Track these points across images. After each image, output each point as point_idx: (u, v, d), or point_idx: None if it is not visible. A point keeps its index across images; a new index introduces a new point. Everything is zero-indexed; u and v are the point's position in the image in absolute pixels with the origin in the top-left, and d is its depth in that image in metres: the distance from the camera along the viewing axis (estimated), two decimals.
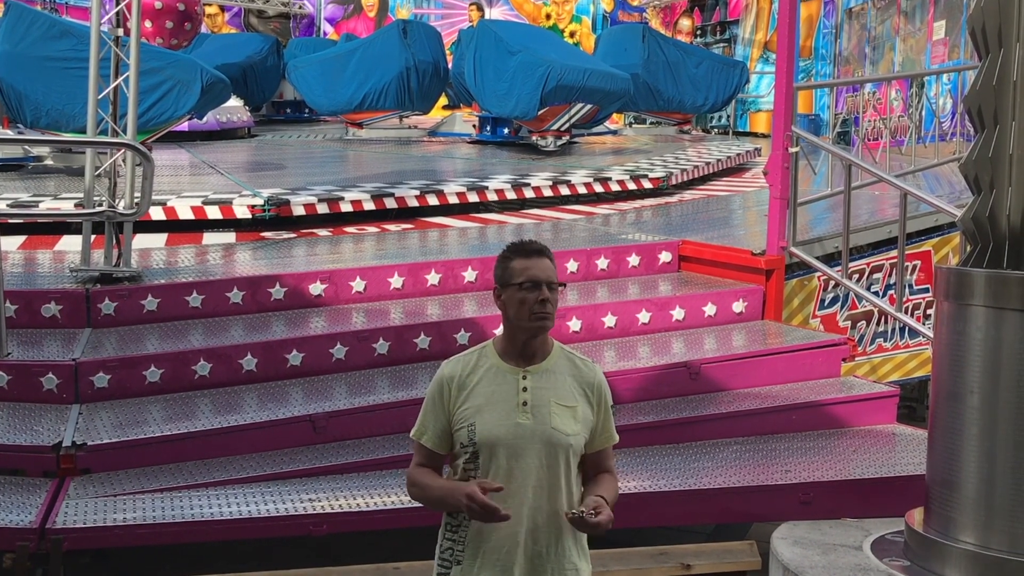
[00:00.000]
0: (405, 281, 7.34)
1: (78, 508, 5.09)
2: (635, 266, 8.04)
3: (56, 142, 10.63)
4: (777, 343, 7.14)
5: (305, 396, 6.19)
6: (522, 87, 13.33)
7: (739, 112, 21.47)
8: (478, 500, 2.98)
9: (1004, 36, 4.07)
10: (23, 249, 8.26)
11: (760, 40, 22.54)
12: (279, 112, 19.62)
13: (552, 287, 3.16)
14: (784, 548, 4.38)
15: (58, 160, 11.56)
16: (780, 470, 5.85)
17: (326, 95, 15.87)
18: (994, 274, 4.04)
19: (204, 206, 9.14)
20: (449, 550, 3.18)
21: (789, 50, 7.93)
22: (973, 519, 4.02)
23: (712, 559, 5.42)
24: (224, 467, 5.65)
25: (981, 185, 4.16)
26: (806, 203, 8.40)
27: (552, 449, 3.14)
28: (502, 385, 3.16)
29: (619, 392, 6.18)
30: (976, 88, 4.16)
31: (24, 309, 6.52)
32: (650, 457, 5.98)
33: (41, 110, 10.07)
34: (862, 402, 6.68)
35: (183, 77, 10.39)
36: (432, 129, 17.59)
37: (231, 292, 6.91)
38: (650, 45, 16.54)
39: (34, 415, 5.80)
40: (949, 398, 4.12)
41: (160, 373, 6.14)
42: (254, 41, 18.76)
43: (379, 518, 5.21)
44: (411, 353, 6.64)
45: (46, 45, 10.10)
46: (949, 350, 4.14)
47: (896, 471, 5.83)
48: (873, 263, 8.38)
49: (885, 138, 11.04)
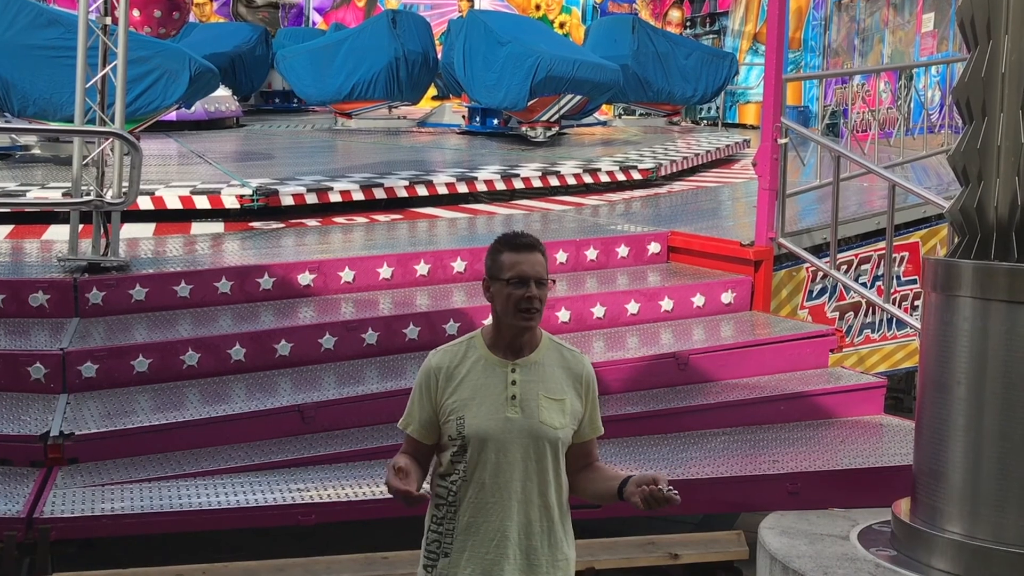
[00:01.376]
0: (394, 271, 7.33)
1: (65, 498, 5.09)
2: (624, 257, 8.04)
3: (44, 131, 10.57)
4: (765, 334, 7.16)
5: (294, 386, 6.19)
6: (511, 78, 13.30)
7: (728, 103, 21.45)
8: (391, 483, 2.98)
9: (993, 28, 4.09)
10: (10, 238, 8.22)
11: (749, 32, 22.53)
12: (268, 102, 19.53)
13: (541, 284, 3.13)
14: (772, 538, 4.40)
15: (45, 149, 11.49)
16: (768, 460, 5.87)
17: (315, 85, 15.81)
18: (982, 265, 4.06)
19: (192, 196, 9.11)
20: (436, 542, 3.17)
21: (778, 42, 7.95)
22: (959, 509, 4.05)
23: (700, 549, 5.44)
24: (212, 457, 5.64)
25: (969, 176, 4.18)
26: (795, 194, 8.42)
27: (540, 443, 3.13)
28: (491, 378, 3.15)
29: (607, 382, 6.19)
30: (965, 80, 4.17)
31: (11, 299, 6.50)
32: (638, 447, 6.00)
33: (28, 99, 10.01)
34: (849, 393, 6.70)
35: (171, 66, 10.33)
36: (421, 119, 17.54)
37: (219, 282, 6.90)
38: (640, 36, 16.51)
39: (21, 405, 5.79)
40: (936, 388, 4.15)
41: (148, 363, 6.12)
42: (242, 30, 18.65)
43: (368, 508, 5.21)
44: (400, 343, 6.64)
45: (33, 34, 10.04)
46: (936, 341, 4.16)
47: (883, 461, 5.86)
48: (861, 254, 8.40)
49: (874, 130, 11.05)
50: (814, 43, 20.81)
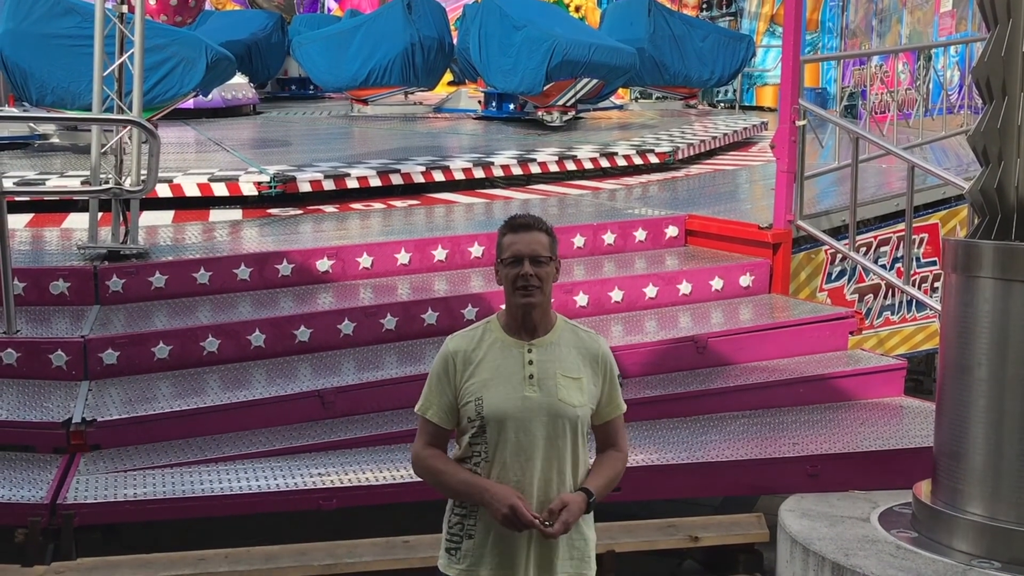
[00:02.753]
0: (412, 257, 7.34)
1: (88, 484, 5.13)
2: (642, 241, 8.03)
3: (62, 119, 10.61)
4: (784, 317, 7.14)
5: (313, 372, 6.21)
6: (527, 62, 13.27)
7: (745, 86, 21.34)
8: (521, 516, 3.02)
9: (1013, 7, 4.06)
10: (30, 227, 8.27)
11: (767, 13, 22.41)
12: (284, 89, 19.56)
13: (537, 261, 3.14)
14: (792, 520, 4.40)
15: (64, 138, 11.55)
16: (788, 443, 5.86)
17: (331, 72, 15.81)
18: (1002, 246, 4.04)
19: (210, 183, 9.14)
20: (459, 524, 3.19)
21: (796, 23, 7.90)
22: (980, 490, 4.04)
23: (720, 531, 5.44)
24: (233, 442, 5.67)
25: (989, 157, 4.15)
26: (813, 176, 8.38)
27: (559, 421, 3.15)
28: (508, 359, 3.17)
29: (626, 366, 6.19)
30: (984, 60, 4.15)
31: (32, 287, 6.54)
32: (658, 431, 6.00)
33: (46, 88, 10.05)
34: (869, 375, 6.68)
35: (188, 54, 10.35)
36: (437, 105, 17.53)
37: (238, 268, 6.93)
38: (656, 19, 16.43)
39: (44, 392, 5.82)
40: (957, 370, 4.13)
41: (169, 349, 6.15)
42: (258, 18, 18.67)
43: (388, 492, 5.23)
44: (418, 328, 6.66)
45: (51, 23, 10.07)
46: (957, 322, 4.14)
47: (903, 443, 5.84)
48: (880, 236, 8.37)
49: (892, 111, 10.97)
50: (831, 24, 20.69)
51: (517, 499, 3.05)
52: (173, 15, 17.51)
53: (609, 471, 3.26)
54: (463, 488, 3.14)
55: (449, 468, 3.19)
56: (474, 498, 3.11)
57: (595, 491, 3.16)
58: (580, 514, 3.12)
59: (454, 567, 3.19)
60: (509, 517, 3.03)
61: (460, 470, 3.17)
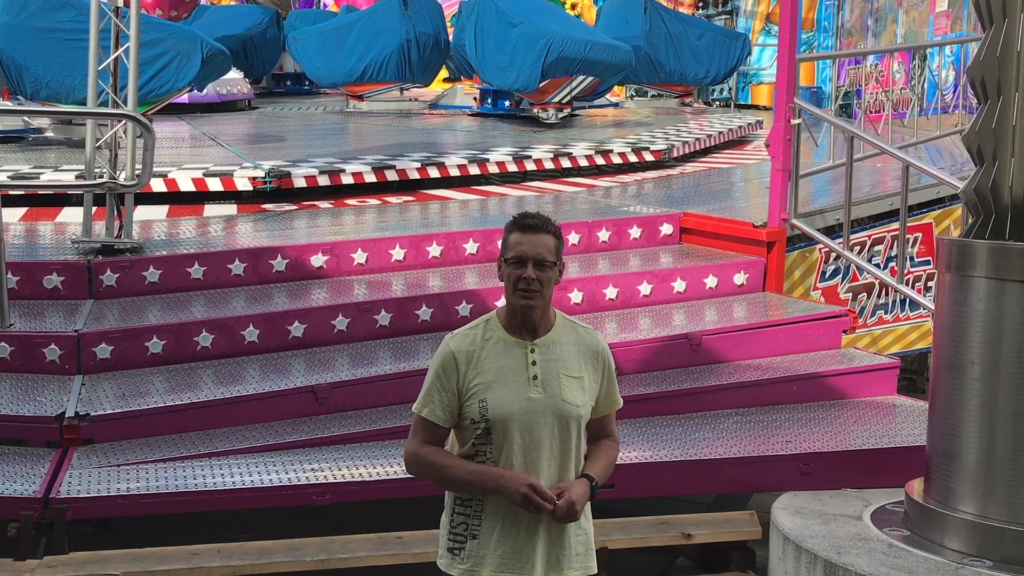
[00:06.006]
0: (406, 253, 7.33)
1: (81, 478, 5.12)
2: (636, 238, 8.03)
3: (57, 113, 10.60)
4: (778, 315, 7.15)
5: (307, 367, 6.21)
6: (523, 59, 13.27)
7: (741, 84, 21.36)
8: (542, 492, 3.03)
9: (1008, 6, 4.06)
10: (24, 221, 8.25)
11: (762, 12, 22.42)
12: (279, 84, 19.55)
13: (542, 265, 3.12)
14: (785, 518, 4.41)
15: (58, 132, 11.52)
16: (781, 441, 5.87)
17: (326, 67, 15.80)
18: (996, 245, 4.04)
19: (205, 178, 9.12)
20: (463, 524, 3.17)
21: (791, 22, 7.90)
22: (973, 489, 4.04)
23: (713, 528, 5.45)
24: (227, 437, 5.67)
25: (984, 156, 4.16)
26: (808, 175, 8.38)
27: (563, 421, 3.15)
28: (511, 359, 3.16)
29: (620, 363, 6.14)
30: (979, 59, 4.15)
31: (26, 280, 6.53)
32: (651, 428, 6.00)
33: (41, 82, 10.04)
34: (863, 374, 6.69)
35: (183, 49, 10.34)
36: (433, 102, 17.53)
37: (232, 264, 6.92)
38: (652, 17, 16.45)
39: (37, 386, 5.82)
40: (950, 369, 4.14)
41: (162, 344, 6.15)
42: (254, 13, 18.65)
43: (381, 488, 5.23)
44: (413, 324, 6.65)
45: (46, 16, 10.06)
46: (950, 321, 4.15)
47: (896, 442, 5.85)
48: (875, 235, 8.37)
49: (887, 110, 10.97)
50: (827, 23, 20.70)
51: (534, 479, 3.05)
52: (168, 10, 17.49)
53: (606, 457, 3.29)
54: (474, 478, 3.12)
55: (455, 462, 3.18)
56: (487, 487, 3.09)
57: (596, 476, 3.19)
58: (587, 498, 3.15)
59: (457, 567, 3.17)
60: (528, 497, 3.03)
61: (466, 462, 3.16)
